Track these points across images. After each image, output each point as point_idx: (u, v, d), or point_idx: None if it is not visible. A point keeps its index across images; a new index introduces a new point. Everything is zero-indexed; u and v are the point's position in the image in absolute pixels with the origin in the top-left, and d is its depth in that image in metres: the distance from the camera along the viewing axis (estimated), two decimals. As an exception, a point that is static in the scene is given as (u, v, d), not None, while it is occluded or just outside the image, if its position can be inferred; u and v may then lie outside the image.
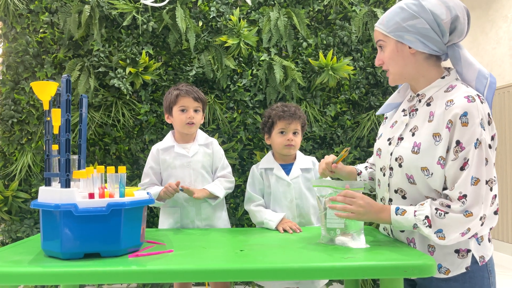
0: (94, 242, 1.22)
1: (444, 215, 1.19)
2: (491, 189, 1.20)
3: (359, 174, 1.61)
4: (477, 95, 1.21)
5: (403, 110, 1.41)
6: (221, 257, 1.27)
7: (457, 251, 1.25)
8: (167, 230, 1.78)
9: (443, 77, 1.30)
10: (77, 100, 2.36)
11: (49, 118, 1.35)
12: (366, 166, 1.67)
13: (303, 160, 1.92)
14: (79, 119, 1.58)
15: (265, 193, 1.90)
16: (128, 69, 2.33)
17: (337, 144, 2.54)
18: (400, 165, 1.31)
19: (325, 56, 2.47)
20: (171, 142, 1.93)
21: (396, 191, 1.34)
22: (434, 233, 1.21)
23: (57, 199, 1.20)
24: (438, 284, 1.27)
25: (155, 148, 1.95)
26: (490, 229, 1.29)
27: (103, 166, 1.28)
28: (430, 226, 1.21)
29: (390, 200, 1.37)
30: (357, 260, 1.18)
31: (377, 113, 1.57)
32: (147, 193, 1.47)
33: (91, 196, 1.25)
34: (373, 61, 2.56)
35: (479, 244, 1.26)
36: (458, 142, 1.19)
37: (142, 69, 2.36)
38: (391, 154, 1.36)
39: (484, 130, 1.18)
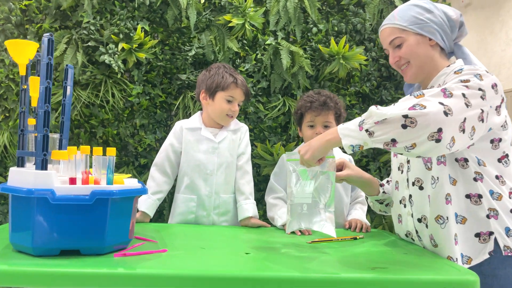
0: (73, 237, 1.01)
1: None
2: (467, 106, 1.06)
3: (381, 185, 1.48)
4: (486, 70, 1.17)
5: None
6: (224, 260, 1.08)
7: (477, 235, 1.14)
8: (160, 226, 1.58)
9: (449, 66, 1.30)
10: (61, 76, 2.13)
11: (25, 86, 1.13)
12: (388, 180, 1.56)
13: (339, 155, 1.74)
14: (63, 93, 1.36)
15: None
16: (120, 45, 2.10)
17: (344, 140, 2.36)
18: None
19: (336, 43, 2.28)
20: (199, 123, 1.76)
21: (413, 183, 1.28)
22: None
23: (31, 183, 0.99)
24: None
25: (178, 125, 1.76)
26: None
27: (88, 147, 1.07)
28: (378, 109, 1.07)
29: (410, 196, 1.30)
30: (387, 272, 1.00)
31: None
32: (139, 182, 1.27)
33: (72, 181, 1.04)
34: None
35: (508, 236, 1.14)
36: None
37: (136, 46, 2.13)
38: None
39: (482, 80, 1.11)
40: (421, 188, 1.25)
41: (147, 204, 1.61)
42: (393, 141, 1.03)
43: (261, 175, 2.28)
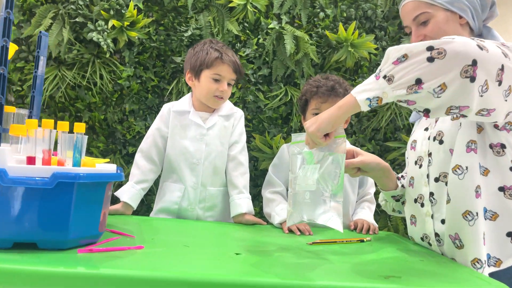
0: (28, 228, 0.85)
1: None
2: (504, 55, 0.91)
3: (398, 179, 1.32)
4: None
5: None
6: (209, 261, 0.91)
7: (509, 234, 0.98)
8: (142, 219, 1.41)
9: None
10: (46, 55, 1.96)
11: (-19, 48, 0.96)
12: (402, 175, 1.38)
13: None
14: (35, 63, 1.20)
15: None
16: (111, 23, 1.93)
17: (350, 135, 2.19)
18: (441, 142, 1.10)
19: (345, 30, 2.11)
20: (188, 106, 1.57)
21: (437, 179, 1.11)
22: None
23: (-22, 161, 0.82)
24: None
25: (166, 107, 1.58)
26: None
27: (51, 121, 0.90)
28: None
29: (431, 194, 1.13)
30: (402, 282, 0.83)
31: (410, 120, 1.34)
32: (117, 167, 1.10)
33: (31, 161, 0.87)
34: (399, 42, 2.21)
35: None
36: None
37: (128, 24, 1.96)
38: (428, 138, 1.16)
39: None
40: (448, 184, 1.07)
41: (130, 193, 1.44)
42: (418, 82, 0.86)
43: (259, 169, 2.11)
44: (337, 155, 1.02)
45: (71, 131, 0.92)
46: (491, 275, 0.98)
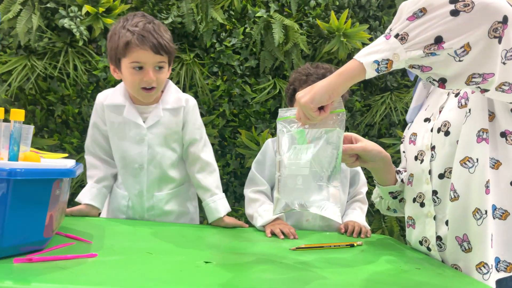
0: (-48, 233, 0.71)
1: None
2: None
3: (397, 172, 1.20)
4: None
5: None
6: (171, 272, 0.77)
7: None
8: (108, 221, 1.27)
9: None
10: (15, 43, 1.82)
11: None
12: (400, 170, 1.25)
13: None
14: (-17, 46, 1.06)
15: None
16: (84, 9, 1.80)
17: (342, 130, 2.06)
18: (447, 133, 0.96)
19: (337, 19, 1.98)
20: (122, 99, 1.27)
21: (442, 176, 0.98)
22: None
23: None
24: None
25: (99, 99, 1.31)
26: None
27: (-17, 106, 0.76)
28: None
29: (434, 192, 1.00)
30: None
31: (407, 118, 1.20)
32: (77, 163, 0.97)
33: (-44, 154, 0.74)
34: (394, 32, 2.09)
35: None
36: None
37: (104, 10, 1.83)
38: (431, 130, 1.02)
39: None
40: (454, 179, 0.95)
41: (91, 194, 1.28)
42: (438, 41, 0.73)
43: (245, 167, 1.98)
44: (334, 131, 0.86)
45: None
46: (500, 281, 0.86)
